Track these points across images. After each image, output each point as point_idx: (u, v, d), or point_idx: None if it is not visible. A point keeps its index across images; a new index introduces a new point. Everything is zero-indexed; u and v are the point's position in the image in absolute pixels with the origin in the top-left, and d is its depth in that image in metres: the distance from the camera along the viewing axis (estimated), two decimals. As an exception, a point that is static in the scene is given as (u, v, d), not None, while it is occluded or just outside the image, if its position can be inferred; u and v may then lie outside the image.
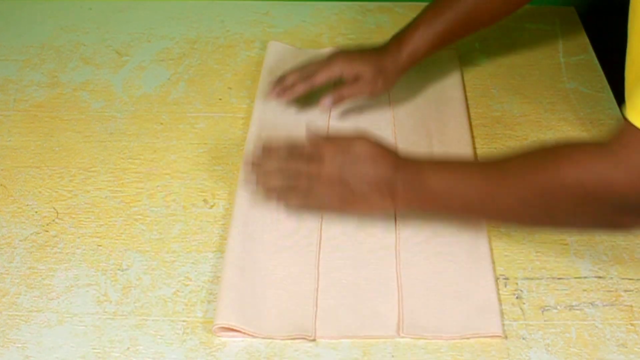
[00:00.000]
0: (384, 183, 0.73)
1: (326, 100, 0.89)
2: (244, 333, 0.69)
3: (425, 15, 0.91)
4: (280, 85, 0.91)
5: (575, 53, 1.05)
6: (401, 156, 0.75)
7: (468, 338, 0.69)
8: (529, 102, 0.97)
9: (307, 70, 0.90)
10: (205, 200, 0.84)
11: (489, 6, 0.91)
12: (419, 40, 0.90)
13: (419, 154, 0.77)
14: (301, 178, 0.76)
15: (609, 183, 0.63)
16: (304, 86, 0.90)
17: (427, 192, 0.73)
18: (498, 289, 0.73)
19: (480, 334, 0.69)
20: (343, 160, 0.74)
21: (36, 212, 0.83)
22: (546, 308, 0.72)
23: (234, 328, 0.69)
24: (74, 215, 0.82)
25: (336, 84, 0.90)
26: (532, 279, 0.75)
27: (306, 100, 0.93)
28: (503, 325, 0.70)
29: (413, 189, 0.73)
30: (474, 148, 0.89)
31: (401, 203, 0.74)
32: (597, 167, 0.64)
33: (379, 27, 1.11)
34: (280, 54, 1.04)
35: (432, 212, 0.77)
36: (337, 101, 0.90)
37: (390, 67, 0.90)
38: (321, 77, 0.89)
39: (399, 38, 0.91)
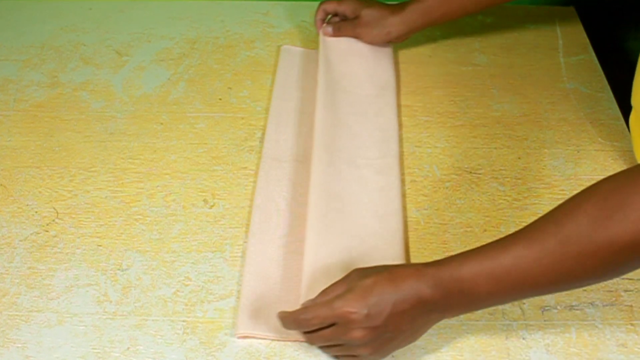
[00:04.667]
0: (424, 310, 0.63)
1: (327, 29, 1.03)
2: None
3: None
4: (315, 22, 1.05)
5: (575, 53, 1.05)
6: (420, 268, 0.63)
7: None
8: (529, 102, 0.97)
9: (325, 1, 1.04)
10: (205, 200, 0.84)
11: None
12: (418, 3, 0.97)
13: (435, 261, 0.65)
14: (343, 350, 0.66)
15: None
16: (319, 14, 1.04)
17: (478, 294, 0.62)
18: None
19: None
20: (368, 310, 0.62)
21: (36, 212, 0.83)
22: (546, 308, 0.72)
23: (256, 336, 0.70)
24: (74, 215, 0.82)
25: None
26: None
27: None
28: None
29: (459, 296, 0.62)
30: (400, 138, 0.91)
31: (451, 313, 0.65)
32: None
33: (379, 27, 1.12)
34: (294, 58, 1.04)
35: (494, 305, 0.66)
36: (335, 32, 1.02)
37: (389, 21, 0.98)
38: (330, 6, 1.03)
39: (407, 1, 0.99)
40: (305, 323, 0.65)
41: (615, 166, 0.87)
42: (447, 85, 0.99)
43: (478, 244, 0.76)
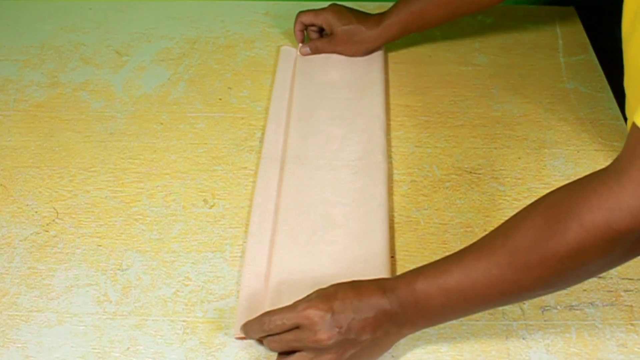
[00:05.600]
0: (379, 313, 0.64)
1: (305, 49, 1.03)
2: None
3: None
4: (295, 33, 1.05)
5: (575, 53, 1.05)
6: (381, 285, 0.65)
7: None
8: (529, 102, 0.97)
9: (303, 11, 1.04)
10: (205, 200, 0.84)
11: None
12: (395, 18, 0.99)
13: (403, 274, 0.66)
14: (305, 357, 0.65)
15: (633, 211, 0.55)
16: (298, 26, 1.04)
17: (430, 310, 0.63)
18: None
19: None
20: (332, 311, 0.63)
21: (36, 212, 0.83)
22: (546, 308, 0.72)
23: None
24: (74, 215, 0.82)
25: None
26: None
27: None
28: None
29: (415, 314, 0.64)
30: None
31: (409, 330, 0.66)
32: (621, 202, 0.55)
33: (379, 27, 1.12)
34: (293, 58, 1.04)
35: (449, 320, 0.67)
36: (313, 51, 1.03)
37: (364, 36, 1.00)
38: (307, 18, 1.03)
39: (383, 13, 1.00)
40: (267, 323, 0.65)
41: (615, 166, 0.87)
42: (447, 85, 1.00)
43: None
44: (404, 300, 0.63)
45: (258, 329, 0.66)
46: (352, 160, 0.87)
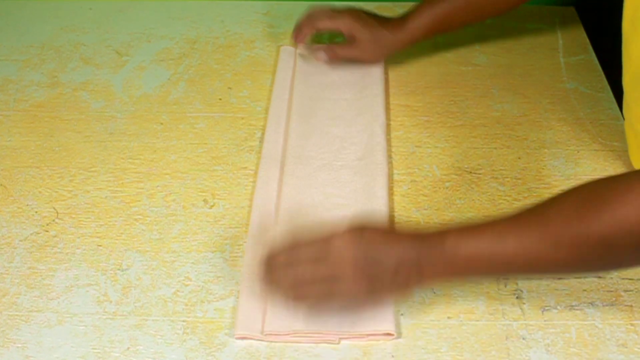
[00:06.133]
0: (407, 264, 0.65)
1: (321, 54, 0.99)
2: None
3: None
4: (295, 32, 1.00)
5: (575, 53, 1.05)
6: (414, 231, 0.68)
7: (361, 337, 0.69)
8: (529, 102, 0.97)
9: (315, 14, 0.98)
10: (205, 200, 0.84)
11: None
12: (419, 21, 0.95)
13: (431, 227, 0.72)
14: (316, 283, 0.67)
15: None
16: (308, 29, 0.99)
17: (456, 262, 0.65)
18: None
19: (370, 331, 0.69)
20: (356, 253, 0.65)
21: (36, 212, 0.83)
22: (546, 308, 0.72)
23: (254, 338, 0.70)
24: (74, 215, 0.82)
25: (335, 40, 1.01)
26: (532, 279, 0.75)
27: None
28: (398, 323, 0.70)
29: (439, 262, 0.65)
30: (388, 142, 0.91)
31: (429, 279, 0.67)
32: None
33: (379, 27, 1.12)
34: (293, 58, 1.04)
35: (468, 281, 0.72)
36: (331, 58, 0.99)
37: (387, 40, 0.96)
38: (324, 24, 0.97)
39: (405, 16, 0.96)
40: (292, 250, 0.67)
41: (615, 166, 0.87)
42: (447, 85, 1.00)
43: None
44: (432, 250, 0.65)
45: (283, 256, 0.67)
46: (352, 160, 0.87)
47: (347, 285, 0.66)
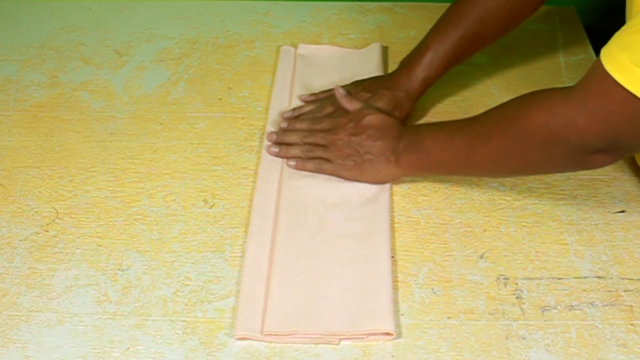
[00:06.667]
0: (389, 151, 0.81)
1: (340, 91, 0.90)
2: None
3: (431, 38, 0.91)
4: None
5: (575, 53, 1.05)
6: (406, 126, 0.84)
7: (361, 337, 0.69)
8: (529, 102, 0.97)
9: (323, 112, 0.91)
10: (205, 200, 0.84)
11: (494, 22, 0.90)
12: (429, 66, 0.90)
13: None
14: (318, 148, 0.85)
15: (572, 126, 0.68)
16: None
17: (424, 154, 0.79)
18: (396, 288, 0.73)
19: (370, 330, 0.69)
20: (354, 132, 0.83)
21: (36, 212, 0.83)
22: (546, 308, 0.72)
23: (254, 338, 0.70)
24: (74, 215, 0.82)
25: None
26: (532, 279, 0.75)
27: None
28: (398, 323, 0.70)
29: (412, 152, 0.80)
30: None
31: (405, 167, 0.81)
32: (562, 112, 0.68)
33: (379, 27, 1.12)
34: (293, 58, 1.04)
35: (433, 174, 0.84)
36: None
37: (405, 98, 0.90)
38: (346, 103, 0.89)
39: (409, 66, 0.91)
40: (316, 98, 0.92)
41: (614, 166, 0.87)
42: (447, 85, 0.99)
43: (478, 244, 0.77)
44: (407, 139, 0.81)
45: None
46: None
47: (336, 157, 0.83)
